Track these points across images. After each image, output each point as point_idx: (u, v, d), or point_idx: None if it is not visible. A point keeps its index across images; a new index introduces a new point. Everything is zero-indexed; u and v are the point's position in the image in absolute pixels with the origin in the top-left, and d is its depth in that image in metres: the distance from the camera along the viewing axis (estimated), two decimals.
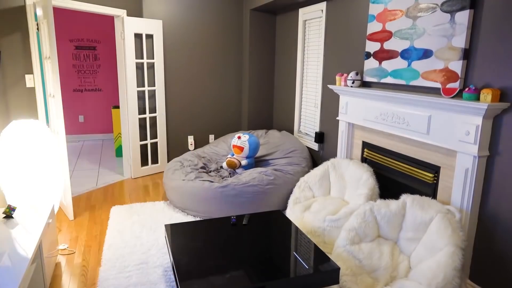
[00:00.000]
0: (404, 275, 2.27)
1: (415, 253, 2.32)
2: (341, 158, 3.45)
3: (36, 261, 2.04)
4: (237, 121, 5.24)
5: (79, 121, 6.66)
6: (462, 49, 2.28)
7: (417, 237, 2.34)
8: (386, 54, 2.90)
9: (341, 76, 3.35)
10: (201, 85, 4.91)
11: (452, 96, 2.38)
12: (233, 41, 4.97)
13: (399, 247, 2.44)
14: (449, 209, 2.28)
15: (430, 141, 2.48)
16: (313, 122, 4.20)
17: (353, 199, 2.99)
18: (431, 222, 2.26)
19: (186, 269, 2.09)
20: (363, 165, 3.10)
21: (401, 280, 2.19)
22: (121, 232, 3.10)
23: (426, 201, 2.37)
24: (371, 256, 2.35)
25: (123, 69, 4.33)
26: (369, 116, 3.04)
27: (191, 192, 3.39)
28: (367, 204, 2.54)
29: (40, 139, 2.89)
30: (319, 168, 3.41)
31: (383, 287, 2.19)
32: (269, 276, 2.03)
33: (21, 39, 3.29)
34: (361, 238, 2.44)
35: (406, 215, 2.41)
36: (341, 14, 3.53)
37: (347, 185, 3.21)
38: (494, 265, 2.22)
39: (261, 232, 2.54)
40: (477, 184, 2.24)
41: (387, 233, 2.47)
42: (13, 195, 2.78)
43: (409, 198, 2.43)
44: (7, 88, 3.26)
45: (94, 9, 3.92)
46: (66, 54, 6.35)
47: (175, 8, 4.56)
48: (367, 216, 2.47)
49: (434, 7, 2.46)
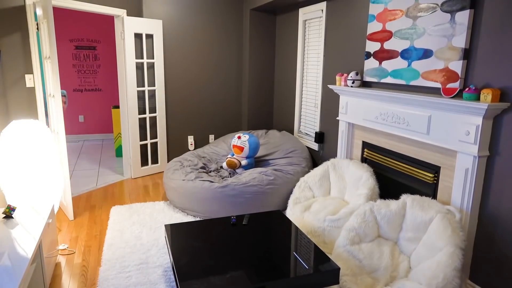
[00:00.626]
0: (404, 275, 2.27)
1: (415, 253, 2.32)
2: (341, 158, 3.45)
3: (36, 261, 2.04)
4: (237, 121, 5.24)
5: (79, 121, 6.66)
6: (462, 49, 2.28)
7: (417, 237, 2.34)
8: (386, 54, 2.90)
9: (341, 76, 3.35)
10: (201, 85, 4.91)
11: (452, 96, 2.38)
12: (233, 41, 4.97)
13: (399, 247, 2.44)
14: (449, 209, 2.28)
15: (430, 141, 2.48)
16: (313, 122, 4.20)
17: (353, 199, 2.99)
18: (431, 222, 2.26)
19: (186, 269, 2.09)
20: (363, 165, 3.10)
21: (401, 280, 2.19)
22: (121, 232, 3.10)
23: (426, 201, 2.37)
24: (371, 256, 2.35)
25: (123, 69, 4.33)
26: (369, 116, 3.04)
27: (191, 192, 3.39)
28: (367, 204, 2.54)
29: (40, 139, 2.88)
30: (319, 168, 3.41)
31: (383, 287, 2.19)
32: (269, 276, 2.02)
33: (21, 39, 3.29)
34: (361, 238, 2.44)
35: (406, 215, 2.41)
36: (341, 14, 3.53)
37: (347, 185, 3.21)
38: (494, 265, 2.22)
39: (261, 232, 2.54)
40: (477, 184, 2.24)
41: (387, 233, 2.47)
42: (13, 195, 2.78)
43: (409, 198, 2.43)
44: (7, 88, 3.26)
45: (94, 9, 3.92)
46: (66, 54, 6.35)
47: (175, 8, 4.56)
48: (367, 216, 2.47)
49: (434, 7, 2.46)
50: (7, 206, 2.34)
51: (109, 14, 4.12)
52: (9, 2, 3.18)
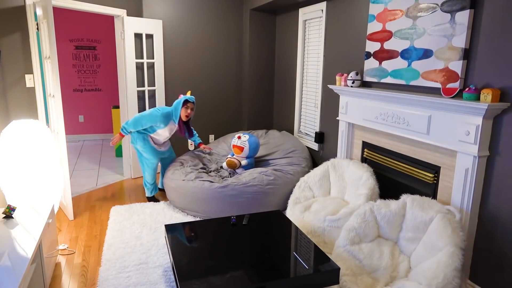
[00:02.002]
0: (404, 275, 2.27)
1: (415, 253, 2.32)
2: (341, 158, 3.45)
3: (36, 261, 2.04)
4: (237, 121, 5.24)
5: (79, 121, 6.66)
6: (462, 49, 2.28)
7: (417, 237, 2.34)
8: (386, 54, 2.90)
9: (341, 76, 3.35)
10: (201, 85, 4.90)
11: (452, 96, 2.38)
12: (233, 41, 4.97)
13: (399, 247, 2.44)
14: (449, 209, 2.28)
15: (430, 141, 2.48)
16: (313, 122, 4.20)
17: (353, 199, 2.99)
18: (431, 222, 2.26)
19: (186, 269, 2.08)
20: (363, 165, 3.10)
21: (401, 280, 2.19)
22: (121, 232, 3.10)
23: (426, 201, 2.37)
24: (371, 256, 2.35)
25: (123, 69, 4.33)
26: (369, 116, 3.04)
27: (191, 192, 3.39)
28: (367, 204, 2.54)
29: (40, 139, 2.88)
30: (319, 168, 3.41)
31: (383, 287, 2.19)
32: (269, 276, 2.02)
33: (21, 39, 3.29)
34: (361, 238, 2.44)
35: (406, 215, 2.41)
36: (341, 14, 3.53)
37: (347, 185, 3.20)
38: (494, 265, 2.22)
39: (261, 232, 2.54)
40: (477, 184, 2.24)
41: (387, 233, 2.47)
42: (13, 195, 2.78)
43: (409, 198, 2.43)
44: (7, 88, 3.26)
45: (94, 9, 3.92)
46: (66, 54, 6.35)
47: (175, 8, 4.56)
48: (367, 216, 2.47)
49: (434, 7, 2.46)
50: (7, 206, 2.34)
51: (109, 14, 4.12)
52: (9, 2, 3.18)
